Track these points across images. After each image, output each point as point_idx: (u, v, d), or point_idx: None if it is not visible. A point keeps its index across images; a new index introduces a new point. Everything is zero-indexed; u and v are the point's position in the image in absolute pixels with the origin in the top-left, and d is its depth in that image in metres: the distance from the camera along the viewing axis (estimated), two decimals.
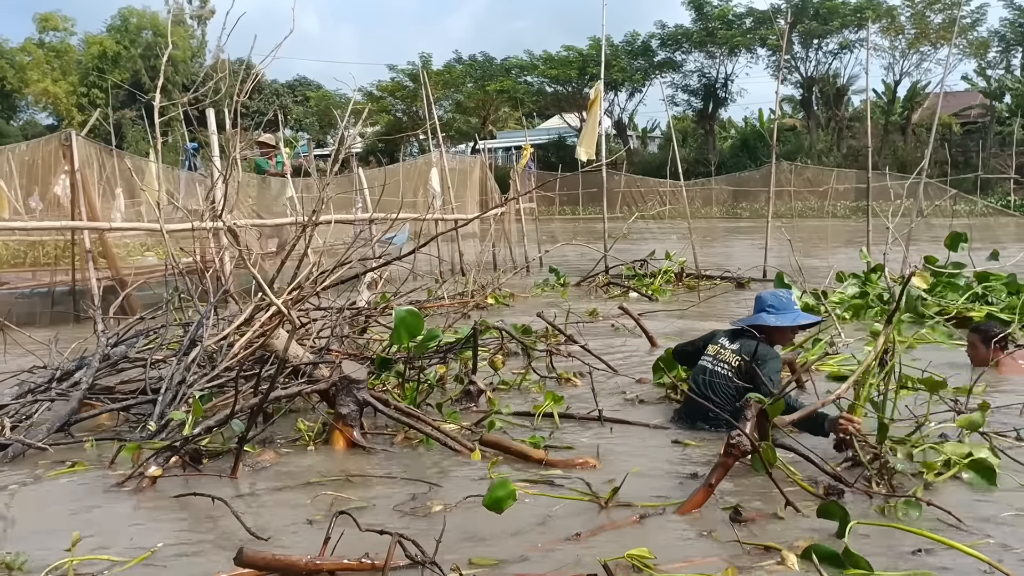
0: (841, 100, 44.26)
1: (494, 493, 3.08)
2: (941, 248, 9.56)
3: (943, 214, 24.09)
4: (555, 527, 3.33)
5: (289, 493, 3.82)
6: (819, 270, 11.77)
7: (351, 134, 8.23)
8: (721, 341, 4.98)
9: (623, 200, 34.49)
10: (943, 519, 3.32)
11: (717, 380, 4.78)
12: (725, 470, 3.57)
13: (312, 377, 4.88)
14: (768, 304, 5.05)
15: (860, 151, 37.69)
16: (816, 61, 43.66)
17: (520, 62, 47.64)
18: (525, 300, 10.59)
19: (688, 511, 3.48)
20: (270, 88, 52.62)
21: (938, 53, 41.31)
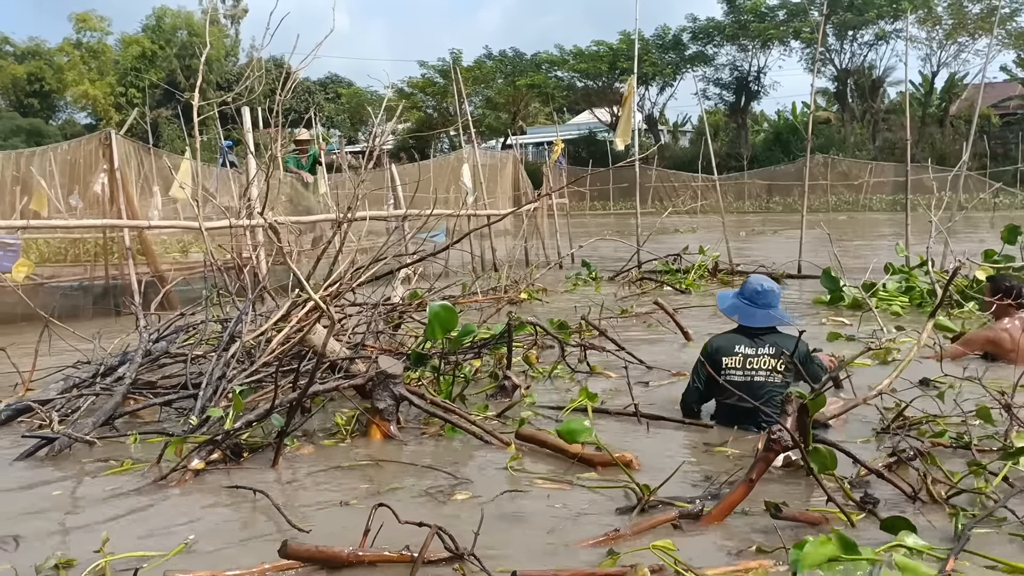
0: (876, 92, 43.68)
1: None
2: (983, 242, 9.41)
3: (984, 208, 23.69)
4: (588, 523, 3.32)
5: (328, 486, 3.87)
6: (855, 265, 11.62)
7: (385, 131, 8.28)
8: (740, 350, 4.66)
9: (655, 194, 34.39)
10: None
11: (760, 389, 4.51)
12: (766, 465, 3.53)
13: (349, 372, 4.93)
14: (775, 299, 4.79)
15: (896, 144, 37.19)
16: (851, 53, 43.14)
17: (550, 57, 47.55)
18: (558, 295, 10.59)
19: (727, 509, 3.44)
20: (302, 85, 52.96)
21: (976, 44, 40.62)
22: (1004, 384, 4.72)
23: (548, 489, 3.74)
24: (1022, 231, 9.49)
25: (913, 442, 4.08)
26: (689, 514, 3.40)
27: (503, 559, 2.93)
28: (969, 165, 16.34)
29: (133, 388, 5.14)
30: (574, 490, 3.72)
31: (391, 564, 2.92)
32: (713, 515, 3.40)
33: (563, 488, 3.75)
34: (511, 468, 3.92)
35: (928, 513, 3.39)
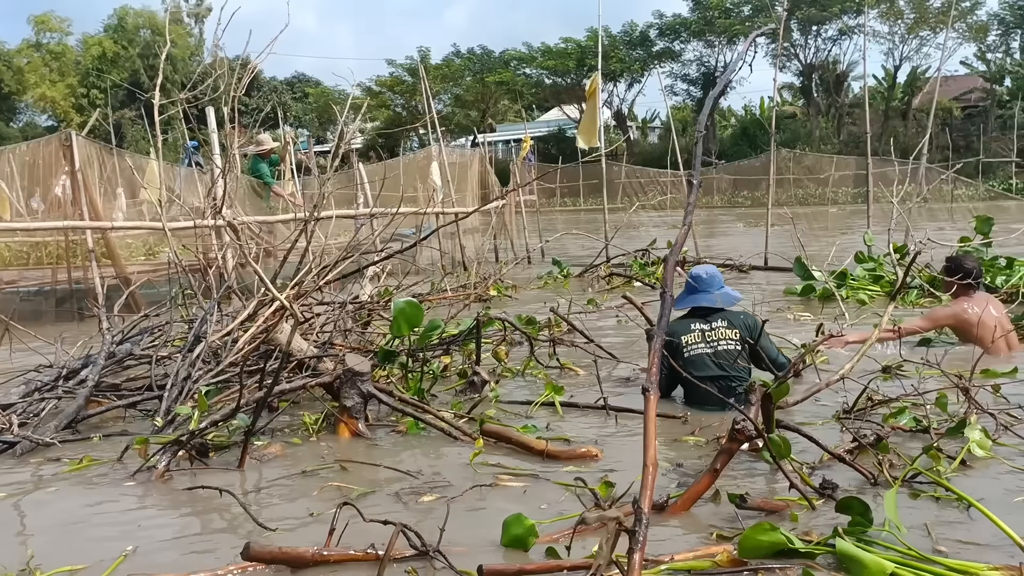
0: (841, 86, 44.18)
1: (510, 532, 3.04)
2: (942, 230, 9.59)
3: (944, 199, 24.07)
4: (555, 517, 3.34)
5: (295, 485, 3.85)
6: (822, 256, 11.73)
7: (350, 129, 8.24)
8: (696, 327, 5.03)
9: (624, 191, 34.52)
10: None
11: (725, 357, 4.90)
12: (729, 455, 3.57)
13: (316, 370, 4.91)
14: (717, 282, 5.20)
15: (860, 137, 37.60)
16: (815, 48, 43.63)
17: (519, 54, 47.60)
18: (527, 291, 10.60)
19: (692, 499, 3.47)
20: (269, 85, 52.58)
21: (937, 38, 41.21)
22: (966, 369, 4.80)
23: (515, 485, 3.75)
24: (993, 222, 9.69)
25: (874, 427, 4.16)
26: (655, 505, 3.43)
27: (470, 555, 2.93)
28: (931, 157, 16.62)
29: (97, 391, 5.09)
30: (541, 485, 3.73)
31: (357, 563, 2.92)
32: (679, 505, 3.44)
33: (530, 483, 3.75)
34: (474, 464, 3.92)
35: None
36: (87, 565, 3.00)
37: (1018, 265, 8.97)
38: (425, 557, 2.86)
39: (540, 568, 2.77)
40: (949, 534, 3.07)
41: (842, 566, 2.78)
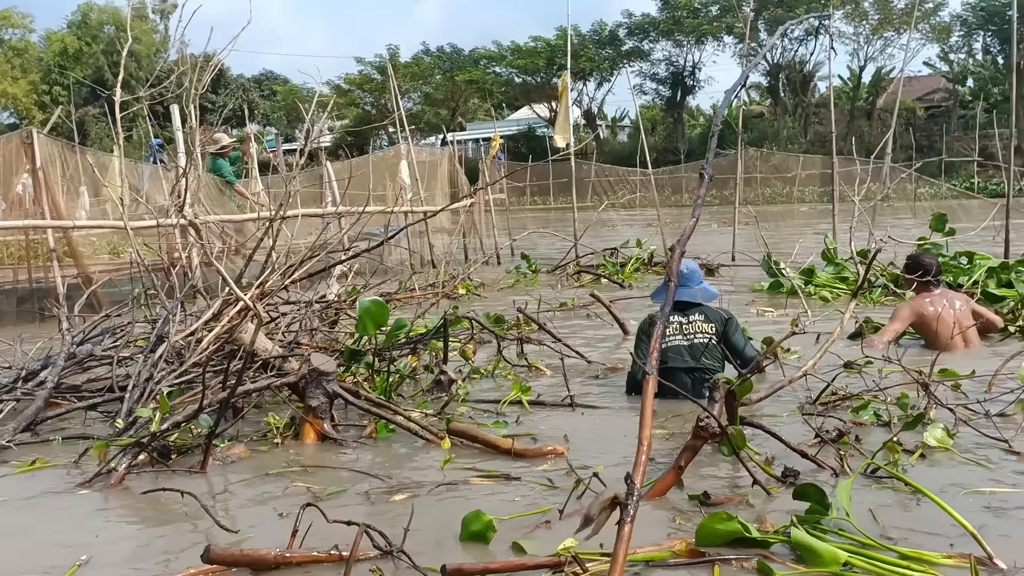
0: (807, 86, 44.68)
1: (469, 529, 3.06)
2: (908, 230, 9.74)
3: (907, 198, 24.42)
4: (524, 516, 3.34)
5: (259, 486, 3.81)
6: (788, 254, 11.85)
7: (318, 127, 8.19)
8: (675, 319, 5.19)
9: (594, 189, 34.65)
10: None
11: (700, 349, 5.07)
12: (693, 452, 3.60)
13: (282, 370, 4.87)
14: (691, 279, 5.37)
15: (827, 136, 38.05)
16: (782, 48, 44.01)
17: (488, 53, 47.59)
18: (496, 290, 10.60)
19: (657, 495, 3.50)
20: (236, 82, 52.09)
21: (901, 39, 41.78)
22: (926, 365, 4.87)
23: (481, 483, 3.75)
24: (946, 219, 9.89)
25: (836, 422, 4.21)
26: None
27: (436, 555, 2.92)
28: (895, 157, 16.86)
29: (57, 392, 5.00)
30: (508, 483, 3.73)
31: (322, 565, 2.89)
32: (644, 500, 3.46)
33: (497, 481, 3.75)
34: (443, 464, 3.91)
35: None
36: (42, 574, 2.94)
37: (979, 259, 9.11)
38: (390, 557, 2.84)
39: (504, 567, 2.77)
40: (905, 523, 3.12)
41: (798, 555, 2.81)
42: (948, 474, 3.63)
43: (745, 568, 2.79)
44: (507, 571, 2.74)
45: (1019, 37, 36.71)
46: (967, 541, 2.81)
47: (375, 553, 2.85)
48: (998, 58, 40.43)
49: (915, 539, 2.96)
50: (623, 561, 2.32)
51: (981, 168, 35.76)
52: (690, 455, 3.59)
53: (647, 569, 2.81)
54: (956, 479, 3.56)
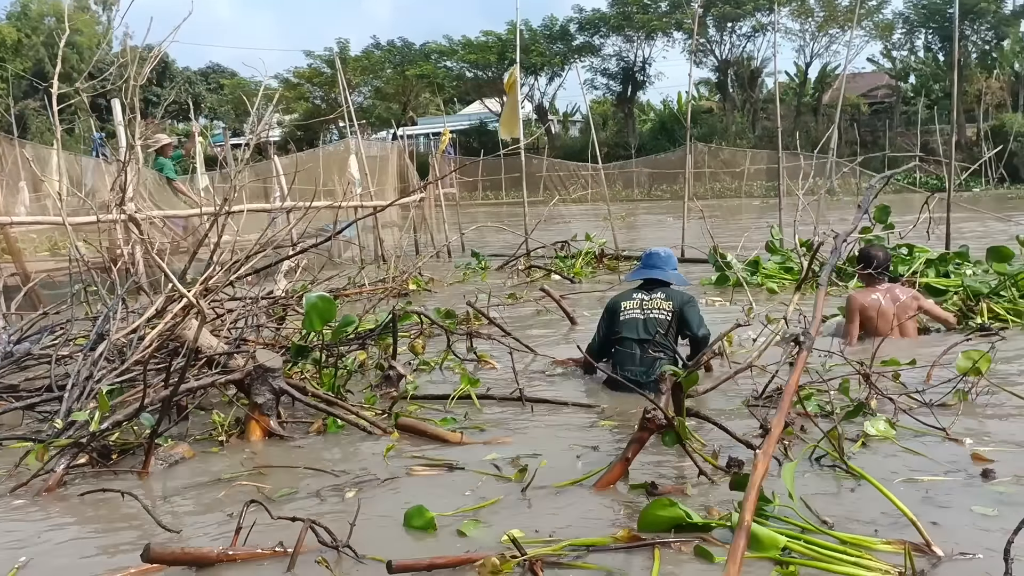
0: (755, 82, 45.19)
1: (411, 524, 3.08)
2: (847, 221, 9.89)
3: (851, 192, 24.90)
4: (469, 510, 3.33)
5: (204, 485, 3.75)
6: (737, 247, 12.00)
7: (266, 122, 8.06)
8: (637, 296, 5.47)
9: (545, 184, 34.74)
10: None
11: (655, 325, 5.25)
12: (640, 444, 3.64)
13: (227, 368, 4.80)
14: (665, 263, 5.71)
15: (774, 132, 38.61)
16: (730, 44, 44.49)
17: (439, 47, 47.29)
18: (447, 285, 10.57)
19: (604, 486, 3.52)
20: (182, 76, 51.11)
21: (846, 36, 42.48)
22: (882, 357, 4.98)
23: (428, 474, 3.74)
24: (889, 211, 10.12)
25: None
26: (569, 491, 3.47)
27: (383, 548, 2.90)
28: (840, 152, 17.18)
29: None
30: (456, 476, 3.72)
31: (268, 561, 2.86)
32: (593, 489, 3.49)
33: (443, 474, 3.74)
34: (389, 458, 3.89)
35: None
36: None
37: (918, 251, 9.34)
38: (336, 551, 2.82)
39: (452, 561, 2.76)
40: (844, 510, 3.18)
41: None
42: (888, 462, 3.71)
43: (684, 552, 2.83)
44: (454, 565, 2.74)
45: (959, 35, 37.68)
46: (905, 527, 2.87)
47: (321, 548, 2.83)
48: (939, 55, 41.33)
49: (854, 526, 3.03)
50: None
51: (922, 163, 36.60)
52: (637, 447, 3.63)
53: (587, 554, 2.82)
54: (896, 467, 3.64)
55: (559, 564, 2.73)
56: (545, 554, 2.72)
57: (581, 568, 2.73)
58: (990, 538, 2.83)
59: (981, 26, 39.71)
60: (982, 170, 32.90)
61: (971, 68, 39.92)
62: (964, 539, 2.87)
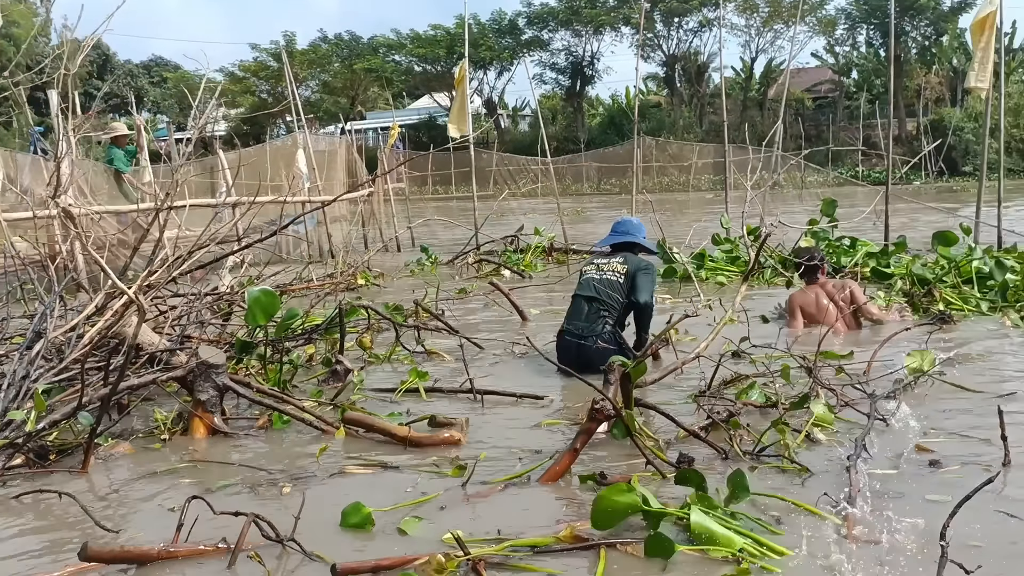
0: (702, 77, 45.69)
1: (348, 520, 3.04)
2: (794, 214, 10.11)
3: (796, 185, 25.33)
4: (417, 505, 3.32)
5: (145, 484, 3.68)
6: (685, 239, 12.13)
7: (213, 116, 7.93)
8: (599, 261, 5.75)
9: (495, 178, 34.73)
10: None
11: (605, 285, 5.51)
12: (589, 435, 3.64)
13: (169, 364, 4.71)
14: (636, 230, 5.95)
15: (721, 126, 39.09)
16: (678, 39, 44.91)
17: (388, 41, 46.92)
18: (395, 279, 10.51)
19: (552, 478, 3.52)
20: (123, 68, 49.99)
21: (790, 31, 43.15)
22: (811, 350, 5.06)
23: (377, 472, 3.71)
24: (836, 204, 10.35)
25: (726, 404, 4.33)
26: (514, 484, 3.47)
27: (326, 545, 2.88)
28: (785, 146, 17.47)
29: None
30: (403, 471, 3.70)
31: (211, 558, 2.81)
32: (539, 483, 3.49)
33: (391, 470, 3.72)
34: (319, 454, 3.83)
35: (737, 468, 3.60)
36: None
37: (860, 245, 9.55)
38: (281, 547, 2.79)
39: (396, 562, 2.71)
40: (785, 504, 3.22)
41: (687, 537, 2.86)
42: (836, 456, 3.72)
43: (630, 552, 2.83)
44: (399, 567, 2.70)
45: (898, 31, 38.46)
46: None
47: (265, 544, 2.79)
48: (880, 51, 42.19)
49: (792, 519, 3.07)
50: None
51: (865, 157, 37.40)
52: (585, 438, 3.63)
53: (532, 554, 2.81)
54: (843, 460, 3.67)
55: (502, 565, 2.72)
56: (488, 554, 2.70)
57: (525, 570, 2.72)
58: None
59: (920, 22, 40.63)
60: (922, 164, 33.70)
61: (911, 64, 40.87)
62: (919, 527, 2.92)
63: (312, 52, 46.26)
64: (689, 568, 2.72)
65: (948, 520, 2.38)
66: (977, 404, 4.42)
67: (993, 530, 2.90)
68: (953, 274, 7.56)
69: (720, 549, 2.76)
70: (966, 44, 39.72)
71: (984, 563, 2.49)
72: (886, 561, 2.71)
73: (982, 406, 4.34)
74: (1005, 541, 2.85)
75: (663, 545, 2.76)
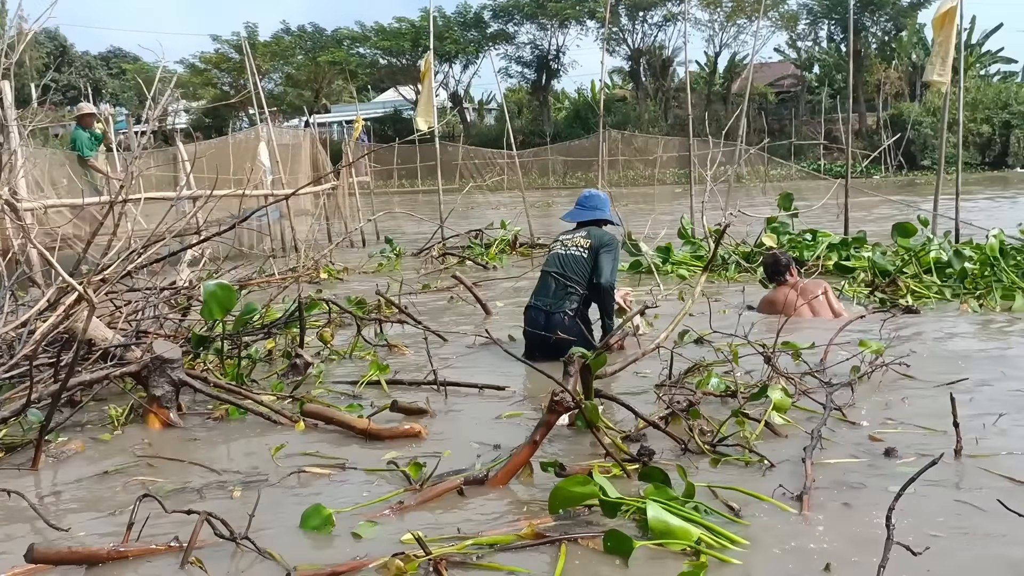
0: (667, 71, 45.92)
1: (308, 523, 2.97)
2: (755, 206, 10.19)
3: (759, 178, 25.56)
4: (375, 498, 3.28)
5: (97, 481, 3.60)
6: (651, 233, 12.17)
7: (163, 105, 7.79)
8: (564, 236, 5.78)
9: (461, 172, 34.64)
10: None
11: (571, 262, 5.55)
12: (548, 428, 3.61)
13: (123, 360, 4.62)
14: (602, 203, 5.95)
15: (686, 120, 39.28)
16: (643, 33, 45.07)
17: (352, 33, 46.58)
18: (359, 273, 10.44)
19: (511, 472, 3.49)
20: (81, 60, 49.11)
21: (753, 26, 43.50)
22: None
23: (336, 470, 3.66)
24: (792, 197, 10.47)
25: (686, 394, 4.34)
26: (474, 480, 3.44)
27: (285, 547, 2.83)
28: (749, 140, 17.62)
29: None
30: (362, 469, 3.65)
31: (161, 556, 2.75)
32: (498, 479, 3.45)
33: (350, 468, 3.67)
34: (274, 453, 3.78)
35: (698, 460, 3.62)
36: None
37: (821, 236, 9.65)
38: (234, 543, 2.74)
39: (354, 566, 2.65)
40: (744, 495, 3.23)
41: (647, 533, 2.85)
42: (795, 446, 3.71)
43: (591, 547, 2.81)
44: (353, 570, 2.64)
45: (858, 26, 38.96)
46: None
47: (217, 541, 2.74)
48: (841, 46, 42.68)
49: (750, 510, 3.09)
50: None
51: (827, 150, 37.86)
52: (544, 431, 3.60)
53: (493, 552, 2.78)
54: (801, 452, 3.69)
55: (464, 564, 2.69)
56: (449, 553, 2.67)
57: (488, 568, 2.70)
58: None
59: (880, 18, 41.16)
60: (882, 157, 34.19)
61: (871, 59, 41.40)
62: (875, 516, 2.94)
63: (275, 44, 45.79)
64: (649, 561, 2.71)
65: (893, 503, 2.39)
66: (932, 392, 4.47)
67: (950, 520, 2.94)
68: (914, 264, 7.68)
69: (677, 542, 2.75)
70: (925, 40, 40.39)
71: (934, 546, 2.52)
72: (842, 550, 2.73)
73: (935, 394, 4.40)
74: (956, 527, 2.88)
75: (621, 541, 2.74)
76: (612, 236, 5.77)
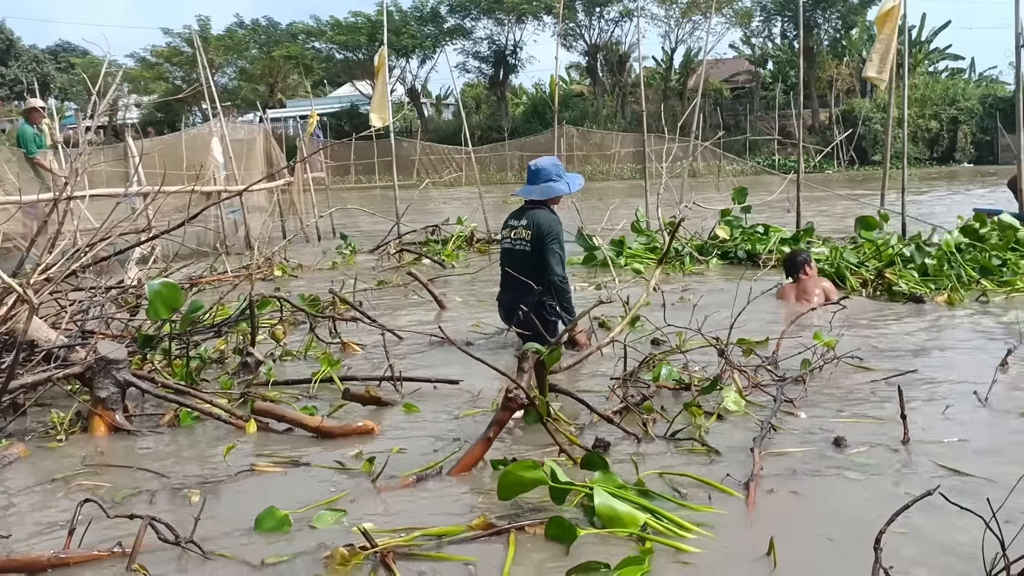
0: (624, 67, 46.08)
1: (263, 525, 2.92)
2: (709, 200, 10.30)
3: (714, 174, 25.80)
4: (323, 497, 3.24)
5: (40, 487, 3.51)
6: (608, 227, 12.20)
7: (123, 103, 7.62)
8: (511, 223, 5.56)
9: (418, 168, 34.47)
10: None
11: (519, 258, 5.40)
12: (501, 425, 3.61)
13: (68, 361, 4.51)
14: (555, 174, 5.57)
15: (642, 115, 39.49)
16: (599, 29, 45.17)
17: (307, 28, 46.01)
18: (314, 271, 10.33)
19: (465, 468, 3.49)
20: (28, 54, 47.96)
21: (708, 22, 43.86)
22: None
23: (288, 469, 3.62)
24: (746, 192, 10.59)
25: (641, 389, 4.36)
26: (428, 476, 3.42)
27: (239, 548, 2.78)
28: (704, 136, 17.79)
29: None
30: (314, 468, 3.61)
31: (105, 563, 2.69)
32: (452, 473, 3.45)
33: (303, 466, 3.63)
34: (226, 453, 3.72)
35: (651, 451, 3.65)
36: None
37: (773, 231, 9.78)
38: (179, 547, 2.69)
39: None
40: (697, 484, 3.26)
41: (594, 520, 2.86)
42: (745, 436, 3.76)
43: (539, 535, 2.82)
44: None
45: (809, 24, 39.48)
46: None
47: (162, 546, 2.69)
48: (794, 43, 43.21)
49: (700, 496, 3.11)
50: None
51: (781, 146, 38.31)
52: (498, 427, 3.60)
53: (443, 544, 2.78)
54: (747, 440, 3.73)
55: (412, 555, 2.68)
56: (397, 544, 2.66)
57: (436, 559, 2.68)
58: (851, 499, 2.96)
59: (831, 15, 41.74)
60: (834, 153, 34.71)
61: (823, 55, 41.96)
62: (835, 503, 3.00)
63: (228, 38, 45.06)
64: (597, 547, 2.73)
65: (885, 527, 2.31)
66: (881, 384, 4.55)
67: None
68: (875, 259, 7.85)
69: (622, 530, 2.77)
70: (875, 37, 41.05)
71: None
72: (786, 534, 2.77)
73: (884, 386, 4.48)
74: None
75: (565, 529, 2.75)
76: (551, 223, 5.47)
